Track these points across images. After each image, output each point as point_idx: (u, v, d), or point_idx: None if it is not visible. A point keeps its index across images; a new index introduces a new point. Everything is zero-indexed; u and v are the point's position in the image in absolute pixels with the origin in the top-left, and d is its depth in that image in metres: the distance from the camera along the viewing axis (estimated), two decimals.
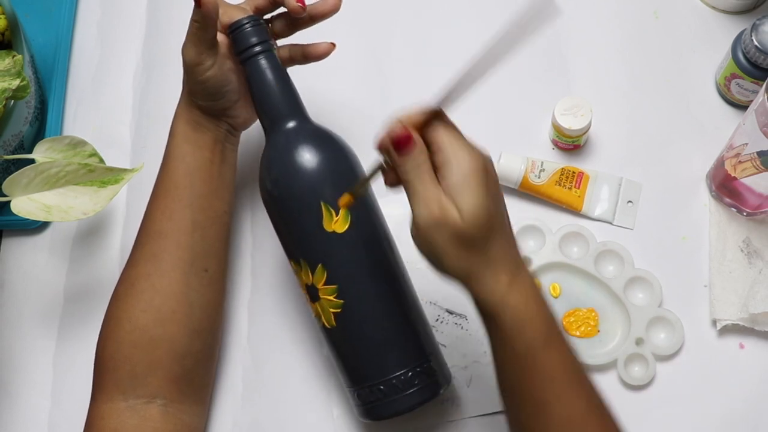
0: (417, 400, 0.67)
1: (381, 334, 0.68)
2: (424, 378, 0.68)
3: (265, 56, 0.69)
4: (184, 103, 0.72)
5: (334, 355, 0.70)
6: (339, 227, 0.67)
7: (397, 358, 0.68)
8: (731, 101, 0.84)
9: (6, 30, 0.78)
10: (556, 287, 0.78)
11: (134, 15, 0.91)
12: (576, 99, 0.80)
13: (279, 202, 0.68)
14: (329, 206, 0.66)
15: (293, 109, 0.70)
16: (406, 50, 0.88)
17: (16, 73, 0.74)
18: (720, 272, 0.78)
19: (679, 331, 0.76)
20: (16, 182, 0.72)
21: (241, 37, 0.69)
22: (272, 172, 0.68)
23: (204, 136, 0.72)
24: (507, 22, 0.56)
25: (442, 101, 0.58)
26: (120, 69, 0.89)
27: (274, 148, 0.68)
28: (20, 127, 0.79)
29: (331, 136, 0.70)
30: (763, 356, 0.76)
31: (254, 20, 0.69)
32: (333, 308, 0.67)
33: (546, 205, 0.82)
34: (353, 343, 0.68)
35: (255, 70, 0.69)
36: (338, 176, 0.68)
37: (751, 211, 0.79)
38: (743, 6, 0.87)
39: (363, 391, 0.68)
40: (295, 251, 0.69)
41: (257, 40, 0.69)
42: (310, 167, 0.67)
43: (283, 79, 0.70)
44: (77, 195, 0.73)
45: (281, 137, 0.68)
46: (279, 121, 0.69)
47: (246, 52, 0.69)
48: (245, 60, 0.69)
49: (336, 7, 0.71)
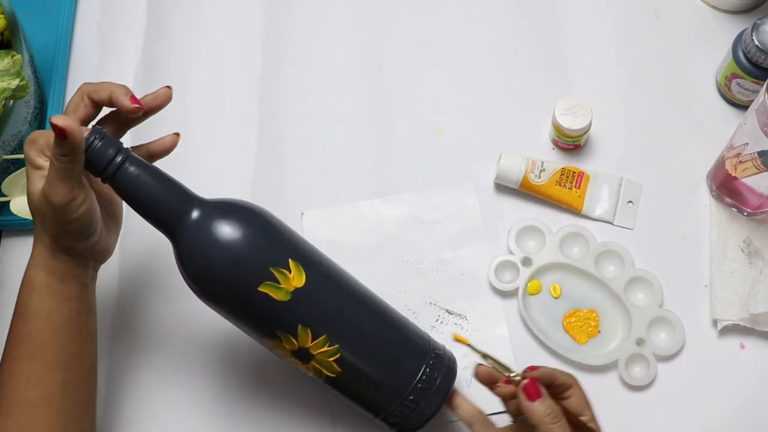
0: (446, 389, 0.67)
1: (387, 350, 0.67)
2: (439, 366, 0.67)
3: (130, 162, 0.62)
4: (46, 251, 0.62)
5: (350, 398, 0.68)
6: (298, 282, 0.64)
7: (411, 362, 0.67)
8: (732, 101, 0.84)
9: (5, 29, 0.78)
10: (556, 288, 0.78)
11: (134, 15, 0.91)
12: (576, 99, 0.80)
13: (228, 293, 0.63)
14: (278, 267, 0.63)
15: (186, 198, 0.64)
16: (406, 50, 0.88)
17: (15, 73, 0.74)
18: (720, 272, 0.78)
19: (679, 332, 0.76)
20: (15, 182, 0.72)
21: (98, 154, 0.61)
22: (204, 267, 0.62)
23: (71, 285, 0.63)
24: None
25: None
26: (120, 69, 0.89)
27: (192, 244, 0.63)
28: (19, 127, 0.79)
29: (233, 203, 0.65)
30: (764, 356, 0.76)
31: (98, 132, 0.61)
32: (332, 357, 0.65)
33: (546, 205, 0.82)
34: (366, 375, 0.66)
35: (129, 181, 0.62)
36: (269, 234, 0.64)
37: (752, 211, 0.79)
38: (744, 6, 0.87)
39: (396, 411, 0.67)
40: (267, 329, 0.65)
41: (115, 150, 0.61)
42: (243, 241, 0.63)
43: (160, 174, 0.63)
44: None
45: (192, 231, 0.63)
46: (181, 218, 0.63)
47: (109, 167, 0.61)
48: (112, 176, 0.62)
49: (169, 97, 0.65)
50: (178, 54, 0.89)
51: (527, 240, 0.80)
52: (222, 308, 0.65)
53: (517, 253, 0.79)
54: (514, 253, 0.79)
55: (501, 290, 0.78)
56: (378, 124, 0.86)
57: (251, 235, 0.63)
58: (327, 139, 0.85)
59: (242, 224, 0.63)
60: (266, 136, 0.85)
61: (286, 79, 0.88)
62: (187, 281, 0.64)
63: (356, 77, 0.87)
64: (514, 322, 0.78)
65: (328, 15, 0.90)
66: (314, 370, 0.66)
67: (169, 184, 0.63)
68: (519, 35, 0.89)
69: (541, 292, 0.78)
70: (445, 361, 0.68)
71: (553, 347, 0.76)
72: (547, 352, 0.77)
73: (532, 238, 0.80)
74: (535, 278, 0.78)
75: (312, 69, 0.88)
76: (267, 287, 0.63)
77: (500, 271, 0.79)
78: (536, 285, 0.78)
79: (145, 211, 0.63)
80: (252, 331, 0.66)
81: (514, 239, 0.79)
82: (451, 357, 0.69)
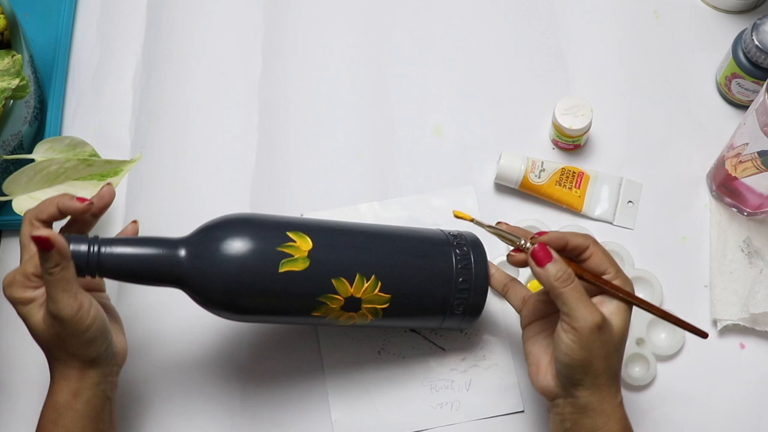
0: (482, 257, 0.70)
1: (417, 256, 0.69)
2: (464, 243, 0.70)
3: (105, 246, 0.63)
4: (75, 372, 0.62)
5: (412, 316, 0.70)
6: (307, 245, 0.65)
7: (441, 254, 0.69)
8: (732, 101, 0.84)
9: (5, 29, 0.78)
10: None
11: (134, 15, 0.91)
12: (576, 99, 0.80)
13: (257, 296, 0.65)
14: (282, 244, 0.64)
15: (170, 245, 0.65)
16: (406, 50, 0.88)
17: (15, 73, 0.74)
18: (720, 272, 0.78)
19: (679, 332, 0.76)
20: (17, 181, 0.72)
21: (75, 257, 0.61)
22: (222, 289, 0.64)
23: (96, 403, 0.63)
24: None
25: None
26: (120, 69, 0.89)
27: (199, 278, 0.64)
28: (19, 127, 0.79)
29: (210, 224, 0.66)
30: (764, 356, 0.76)
31: (65, 237, 0.61)
32: (375, 289, 0.67)
33: (546, 205, 0.82)
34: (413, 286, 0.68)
35: (115, 263, 0.63)
36: (256, 224, 0.66)
37: (752, 210, 0.79)
38: (743, 6, 0.87)
39: (456, 300, 0.69)
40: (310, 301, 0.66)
41: (86, 244, 0.62)
42: (239, 243, 0.64)
43: (136, 240, 0.65)
44: (78, 190, 0.73)
45: (192, 267, 0.64)
46: (176, 263, 0.64)
47: (90, 262, 0.62)
48: (97, 267, 0.62)
49: (112, 195, 0.66)
50: (178, 54, 0.89)
51: None
52: (260, 314, 0.67)
53: None
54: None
55: None
56: (378, 123, 0.86)
57: (242, 234, 0.64)
58: (327, 140, 0.85)
59: (230, 232, 0.65)
60: (266, 136, 0.85)
61: (286, 79, 0.88)
62: (216, 312, 0.66)
63: (356, 78, 0.87)
64: (514, 322, 0.78)
65: (328, 15, 0.90)
66: (370, 312, 0.68)
67: (149, 243, 0.64)
68: (519, 35, 0.89)
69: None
70: (466, 237, 0.71)
71: None
72: None
73: None
74: (534, 279, 0.78)
75: (312, 69, 0.88)
76: (285, 265, 0.64)
77: None
78: (536, 285, 0.78)
79: (143, 279, 0.64)
80: (297, 315, 0.67)
81: None
82: (467, 233, 0.72)
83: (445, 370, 0.76)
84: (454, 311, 0.70)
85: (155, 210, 0.82)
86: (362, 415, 0.75)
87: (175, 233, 0.81)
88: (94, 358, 0.63)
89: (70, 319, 0.60)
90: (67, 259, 0.59)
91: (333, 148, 0.85)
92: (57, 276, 0.59)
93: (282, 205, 0.82)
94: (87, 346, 0.62)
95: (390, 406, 0.75)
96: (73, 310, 0.59)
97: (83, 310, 0.60)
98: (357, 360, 0.76)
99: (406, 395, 0.75)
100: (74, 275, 0.60)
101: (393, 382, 0.76)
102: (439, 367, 0.76)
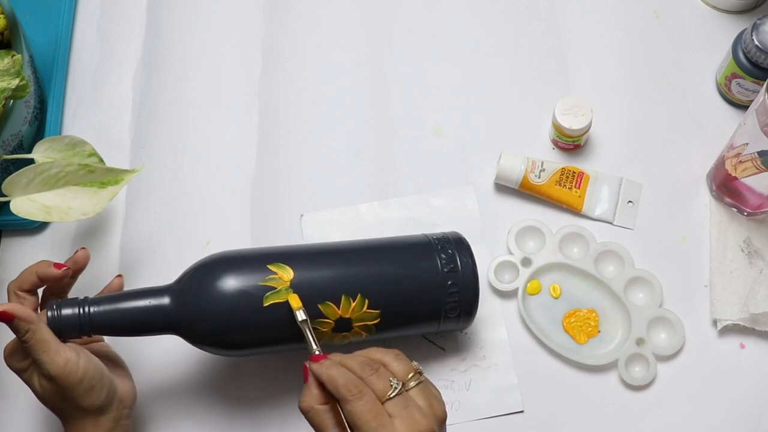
0: (468, 255, 0.70)
1: (402, 267, 0.69)
2: (447, 244, 0.70)
3: (93, 306, 0.65)
4: (88, 422, 0.65)
5: (406, 326, 0.71)
6: (288, 276, 0.66)
7: (425, 261, 0.69)
8: (732, 101, 0.84)
9: (5, 29, 0.78)
10: (556, 288, 0.78)
11: (134, 15, 0.91)
12: (576, 99, 0.80)
13: (246, 333, 0.66)
14: (264, 278, 0.66)
15: (157, 294, 0.66)
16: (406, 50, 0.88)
17: (15, 73, 0.74)
18: (720, 272, 0.78)
19: (679, 331, 0.76)
20: (16, 182, 0.72)
21: (65, 321, 0.64)
22: (213, 330, 0.65)
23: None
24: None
25: None
26: (120, 69, 0.89)
27: (189, 322, 0.66)
28: (19, 127, 0.79)
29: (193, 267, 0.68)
30: (764, 356, 0.76)
31: (53, 304, 0.65)
32: (363, 307, 0.67)
33: (546, 205, 0.82)
34: (402, 299, 0.69)
35: (105, 321, 0.65)
36: (237, 262, 0.67)
37: (752, 210, 0.79)
38: (743, 6, 0.87)
39: (448, 305, 0.69)
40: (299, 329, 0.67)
41: (74, 307, 0.64)
42: (223, 284, 0.65)
43: (123, 295, 0.66)
44: (77, 196, 0.73)
45: (181, 313, 0.65)
46: (166, 313, 0.66)
47: (82, 324, 0.64)
48: (89, 328, 0.64)
49: (87, 257, 0.68)
50: (178, 54, 0.89)
51: (527, 240, 0.80)
52: (253, 347, 0.68)
53: (517, 254, 0.79)
54: (513, 254, 0.79)
55: (501, 290, 0.78)
56: (378, 123, 0.86)
57: (224, 275, 0.66)
58: (327, 140, 0.85)
59: (211, 275, 0.66)
60: (266, 136, 0.85)
61: (286, 79, 0.88)
62: (211, 351, 0.68)
63: (356, 78, 0.87)
64: (514, 322, 0.78)
65: (328, 15, 0.90)
66: (363, 329, 0.68)
67: (136, 296, 0.66)
68: (519, 35, 0.89)
69: (540, 292, 0.78)
70: (449, 237, 0.71)
71: (554, 347, 0.76)
72: (547, 352, 0.77)
73: (532, 238, 0.80)
74: (534, 278, 0.78)
75: (312, 69, 0.88)
76: (269, 299, 0.65)
77: (500, 272, 0.79)
78: (536, 285, 0.78)
79: (136, 331, 0.67)
80: (291, 343, 0.68)
81: (513, 239, 0.79)
82: (451, 233, 0.72)
83: (445, 370, 0.76)
84: (448, 315, 0.70)
85: (155, 210, 0.82)
86: None
87: (175, 233, 0.81)
88: (100, 406, 0.65)
89: (60, 375, 0.62)
90: (34, 323, 0.62)
91: (333, 148, 0.85)
92: (31, 341, 0.62)
93: (282, 205, 0.82)
94: (87, 395, 0.64)
95: None
96: (59, 366, 0.62)
97: (70, 363, 0.62)
98: None
99: None
100: (48, 334, 0.63)
101: None
102: (439, 367, 0.76)
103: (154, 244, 0.81)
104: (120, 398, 0.67)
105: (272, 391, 0.76)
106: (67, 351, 0.63)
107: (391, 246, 0.71)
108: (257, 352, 0.70)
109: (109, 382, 0.65)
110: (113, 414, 0.66)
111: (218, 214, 0.82)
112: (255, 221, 0.82)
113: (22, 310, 0.62)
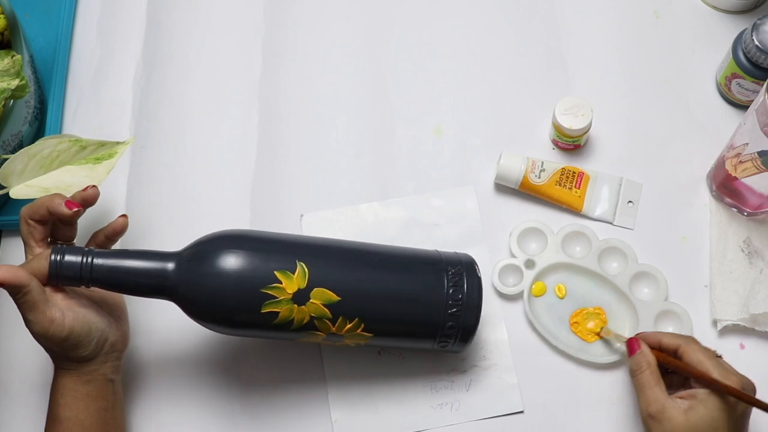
0: (477, 294, 0.69)
1: (403, 296, 0.68)
2: (460, 273, 0.69)
3: (98, 258, 0.65)
4: (66, 364, 0.67)
5: (398, 344, 0.72)
6: (293, 287, 0.66)
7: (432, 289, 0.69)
8: (732, 101, 0.84)
9: (5, 30, 0.78)
10: (561, 288, 0.78)
11: (134, 15, 0.91)
12: (576, 99, 0.80)
13: (238, 315, 0.66)
14: (267, 286, 0.65)
15: (162, 258, 0.66)
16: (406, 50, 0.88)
17: (15, 73, 0.74)
18: (720, 272, 0.78)
19: (687, 324, 0.76)
20: (11, 170, 0.72)
21: (67, 267, 0.64)
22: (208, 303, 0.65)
23: (97, 385, 0.67)
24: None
25: None
26: (120, 69, 0.89)
27: (185, 293, 0.65)
28: (19, 127, 0.79)
29: (202, 240, 0.68)
30: (764, 356, 0.76)
31: (58, 249, 0.65)
32: (357, 329, 0.68)
33: (546, 205, 0.82)
34: (397, 328, 0.69)
35: (107, 274, 0.65)
36: (252, 243, 0.67)
37: (752, 211, 0.79)
38: (743, 6, 0.87)
39: (447, 331, 0.69)
40: (292, 334, 0.68)
41: (80, 255, 0.64)
42: (238, 263, 0.65)
43: (129, 253, 0.66)
44: (74, 174, 0.73)
45: (182, 282, 0.65)
46: (167, 277, 0.66)
47: (83, 273, 0.64)
48: (90, 279, 0.65)
49: (97, 195, 0.68)
50: (178, 54, 0.89)
51: (529, 242, 0.80)
52: (249, 329, 0.68)
53: (520, 256, 0.79)
54: (516, 256, 0.79)
55: (506, 294, 0.78)
56: (378, 124, 0.86)
57: (232, 253, 0.66)
58: (327, 140, 0.85)
59: (220, 249, 0.66)
60: (266, 136, 0.85)
61: (286, 79, 0.88)
62: (206, 326, 0.67)
63: (356, 78, 0.87)
64: (514, 323, 0.78)
65: (328, 15, 0.90)
66: (352, 341, 0.69)
67: (142, 256, 0.66)
68: (519, 35, 0.89)
69: (546, 293, 0.78)
70: (462, 267, 0.70)
71: (562, 348, 0.76)
72: (547, 352, 0.77)
73: (534, 239, 0.80)
74: (539, 280, 0.78)
75: (312, 69, 0.88)
76: (267, 306, 0.65)
77: (504, 275, 0.79)
78: (541, 287, 0.78)
79: (135, 291, 0.67)
80: (286, 332, 0.68)
81: (515, 242, 0.79)
82: (463, 255, 0.72)
83: (445, 370, 0.76)
84: (446, 339, 0.70)
85: (155, 210, 0.82)
86: (362, 415, 0.75)
87: (175, 233, 0.81)
88: (87, 356, 0.66)
89: (43, 334, 0.64)
90: (25, 285, 0.63)
91: (333, 148, 0.85)
92: (20, 300, 0.63)
93: (282, 205, 0.82)
94: (72, 350, 0.65)
95: (390, 406, 0.75)
96: (44, 327, 0.64)
97: (55, 323, 0.64)
98: (357, 360, 0.76)
99: (406, 395, 0.75)
100: (39, 296, 0.63)
101: (393, 382, 0.76)
102: (439, 367, 0.76)
103: (155, 244, 0.81)
104: (111, 343, 0.68)
105: (266, 368, 0.77)
106: (54, 310, 0.64)
107: (402, 268, 0.70)
108: (253, 334, 0.70)
109: (98, 334, 0.66)
110: (101, 358, 0.67)
111: (218, 214, 0.82)
112: (255, 221, 0.82)
113: (11, 274, 0.62)
